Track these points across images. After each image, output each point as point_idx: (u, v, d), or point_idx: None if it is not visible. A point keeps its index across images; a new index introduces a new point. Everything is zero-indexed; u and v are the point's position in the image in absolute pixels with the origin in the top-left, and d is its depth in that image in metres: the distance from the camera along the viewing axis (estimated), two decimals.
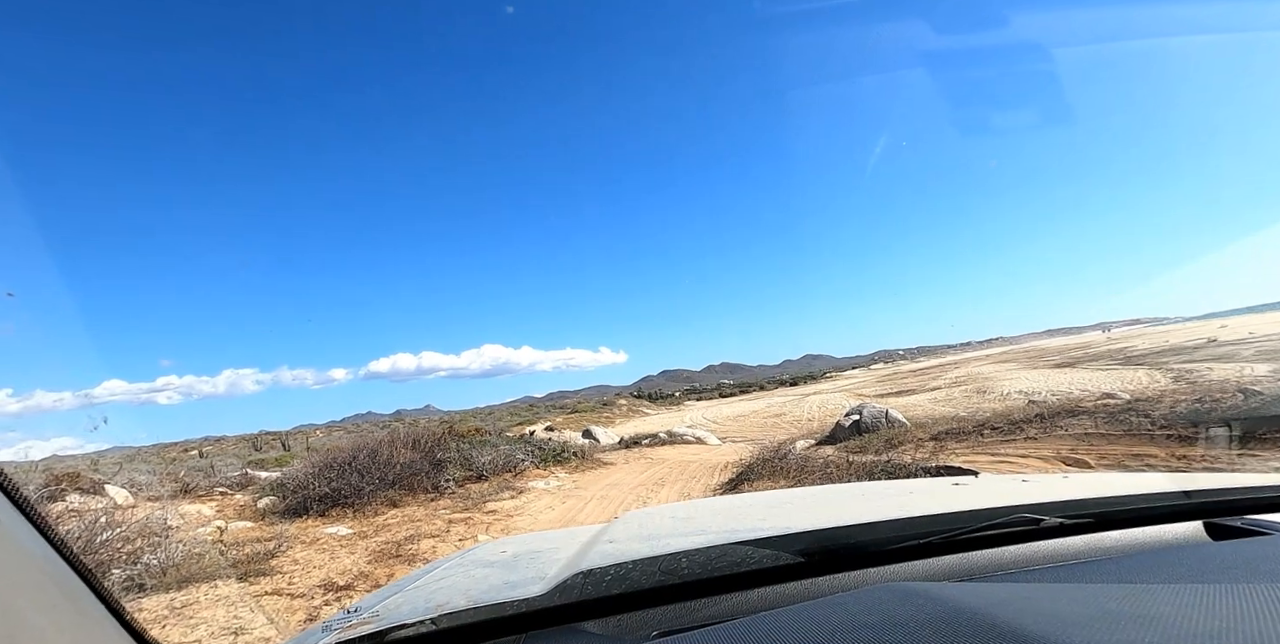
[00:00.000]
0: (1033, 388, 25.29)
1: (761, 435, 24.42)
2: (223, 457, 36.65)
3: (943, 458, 9.42)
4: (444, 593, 1.02)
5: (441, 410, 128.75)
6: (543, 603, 0.89)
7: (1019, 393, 24.70)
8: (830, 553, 0.99)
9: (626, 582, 0.92)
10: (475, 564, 1.26)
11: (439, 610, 0.89)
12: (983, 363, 46.89)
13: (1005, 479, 1.95)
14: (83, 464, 35.28)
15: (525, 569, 1.14)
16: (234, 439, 49.97)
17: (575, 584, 0.91)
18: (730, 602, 0.92)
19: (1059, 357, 39.59)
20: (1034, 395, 23.61)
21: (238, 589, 4.93)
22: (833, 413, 29.88)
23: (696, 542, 1.02)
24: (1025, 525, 1.04)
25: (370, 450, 9.19)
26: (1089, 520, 1.09)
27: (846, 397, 37.41)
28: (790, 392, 58.30)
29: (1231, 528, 1.10)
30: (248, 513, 9.09)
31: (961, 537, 1.02)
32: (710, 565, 0.94)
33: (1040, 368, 33.72)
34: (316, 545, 6.59)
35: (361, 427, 62.91)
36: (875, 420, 12.22)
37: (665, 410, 56.07)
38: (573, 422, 46.12)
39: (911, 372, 56.47)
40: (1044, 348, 57.74)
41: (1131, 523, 1.13)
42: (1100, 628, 0.55)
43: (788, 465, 8.62)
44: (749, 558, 0.95)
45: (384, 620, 0.89)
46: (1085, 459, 8.61)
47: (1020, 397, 23.60)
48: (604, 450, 15.35)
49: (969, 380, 32.59)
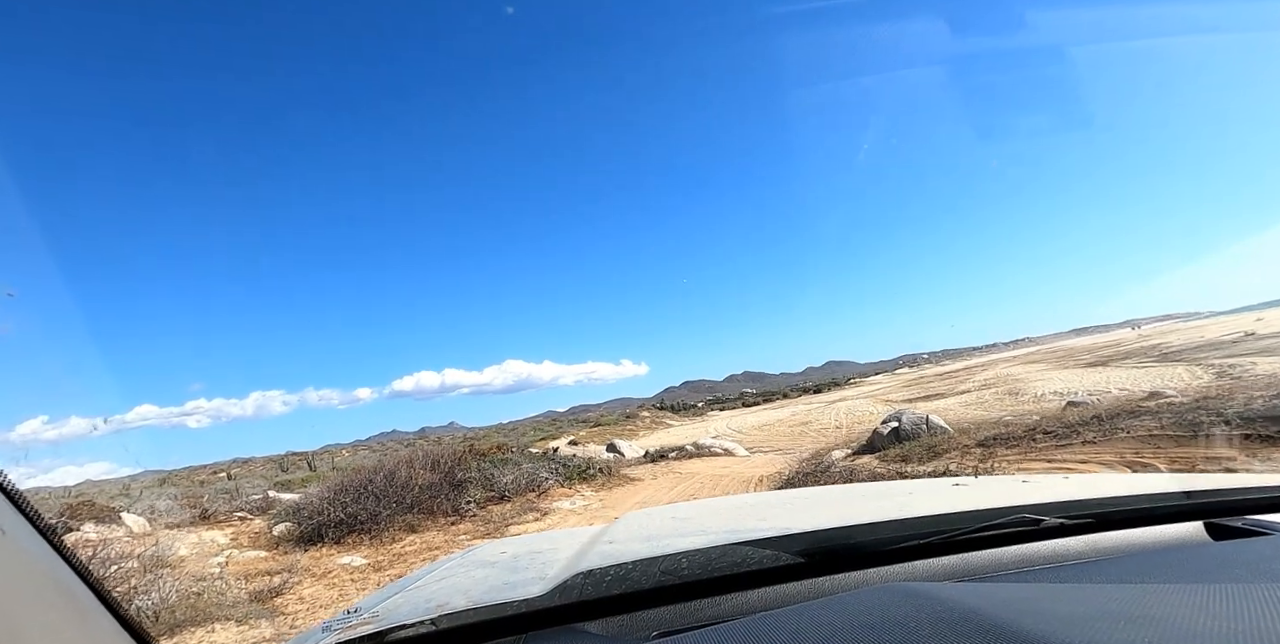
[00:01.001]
0: (1067, 388, 24.73)
1: (789, 445, 23.95)
2: (250, 478, 36.82)
3: (996, 466, 8.72)
4: (444, 593, 1.01)
5: (465, 427, 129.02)
6: (543, 603, 0.88)
7: (1053, 394, 24.11)
8: (831, 553, 0.98)
9: (627, 582, 0.91)
10: (475, 564, 1.26)
11: (439, 611, 0.87)
12: (1010, 364, 46.66)
13: (1005, 479, 1.94)
14: (115, 488, 35.68)
15: (525, 569, 1.13)
16: (261, 461, 50.30)
17: (575, 584, 0.90)
18: (730, 602, 0.91)
19: (1089, 355, 39.33)
20: (1070, 396, 23.07)
21: (236, 634, 4.41)
22: (861, 420, 29.46)
23: (697, 542, 1.01)
24: (1025, 526, 1.03)
25: (388, 473, 8.69)
26: (1089, 521, 1.08)
27: (872, 402, 37.13)
28: (814, 399, 57.56)
29: (1232, 528, 1.09)
30: (262, 540, 8.62)
31: (962, 537, 1.01)
32: (710, 566, 0.93)
33: (1071, 368, 33.61)
34: (327, 579, 6.07)
35: (386, 445, 63.15)
36: (915, 427, 11.45)
37: (689, 421, 55.47)
38: (596, 435, 45.62)
39: (937, 375, 55.97)
40: (1072, 347, 57.07)
41: (1132, 523, 1.11)
42: (1101, 628, 0.55)
43: (831, 479, 7.97)
44: (749, 558, 0.94)
45: (384, 621, 0.88)
46: (1154, 463, 7.86)
47: (1055, 398, 23.09)
48: (630, 465, 14.72)
49: (998, 382, 32.43)
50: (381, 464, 9.36)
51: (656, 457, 15.25)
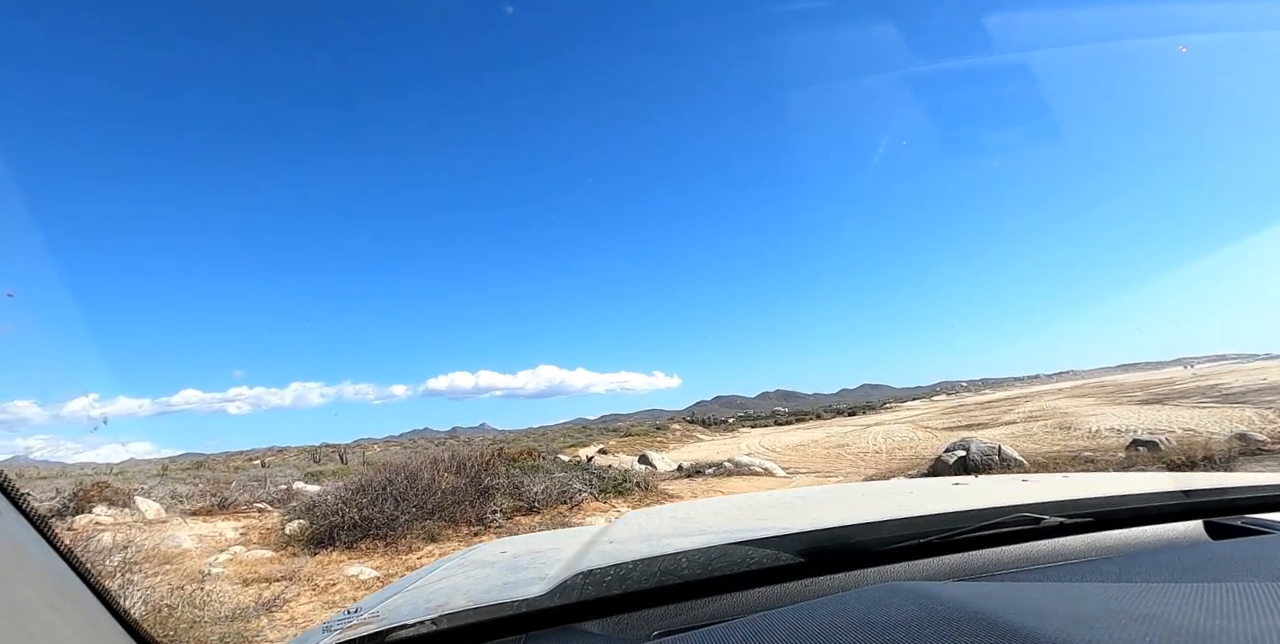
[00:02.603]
0: (1124, 425, 23.09)
1: (826, 467, 22.74)
2: (283, 467, 36.79)
3: None
4: (444, 593, 0.99)
5: (496, 429, 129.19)
6: (543, 603, 0.86)
7: (1109, 430, 22.48)
8: (830, 553, 0.96)
9: (627, 582, 0.89)
10: (475, 564, 1.22)
11: (439, 611, 0.85)
12: (1056, 397, 45.18)
13: (1005, 479, 1.88)
14: (153, 469, 35.95)
15: (525, 569, 1.09)
16: (296, 450, 50.62)
17: (575, 584, 0.88)
18: (730, 601, 0.90)
19: (1142, 392, 37.58)
20: (1128, 433, 21.43)
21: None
22: (901, 446, 28.07)
23: (697, 542, 0.99)
24: (1025, 525, 1.01)
25: (410, 473, 7.87)
26: (1089, 520, 1.06)
27: (911, 429, 35.76)
28: (848, 422, 55.93)
29: (1231, 527, 1.06)
30: (272, 538, 7.87)
31: (961, 536, 0.98)
32: (710, 565, 0.91)
33: (1124, 404, 31.91)
34: (329, 593, 5.23)
35: (417, 442, 63.19)
36: (985, 457, 10.17)
37: (720, 436, 54.27)
38: (626, 445, 44.62)
39: (978, 404, 54.18)
40: (1121, 383, 54.70)
41: (1131, 522, 1.09)
42: (1100, 626, 0.54)
43: None
44: (749, 558, 0.92)
45: (384, 621, 0.86)
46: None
47: (1111, 434, 21.54)
48: (665, 479, 13.72)
49: (1045, 415, 31.03)
50: (406, 463, 8.54)
51: (693, 473, 14.19)
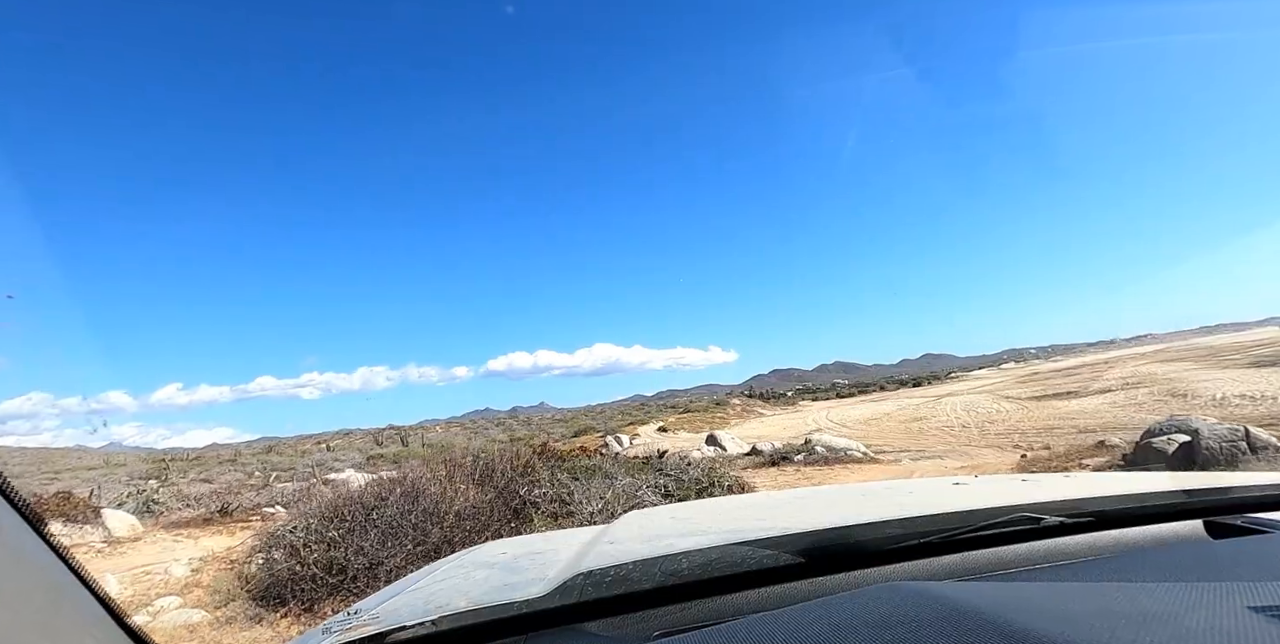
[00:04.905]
0: (1256, 391, 19.44)
1: (909, 444, 19.80)
2: (347, 451, 36.10)
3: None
4: (444, 594, 0.97)
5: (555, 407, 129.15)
6: (543, 604, 0.85)
7: (1239, 397, 18.90)
8: (830, 553, 0.95)
9: (627, 582, 0.88)
10: (475, 565, 1.20)
11: (439, 612, 0.83)
12: (1141, 362, 41.80)
13: (1005, 479, 1.85)
14: (228, 454, 35.42)
15: (525, 570, 1.08)
16: (361, 434, 50.34)
17: (576, 585, 0.87)
18: (731, 602, 0.88)
19: (1241, 355, 33.62)
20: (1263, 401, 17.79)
21: None
22: (991, 418, 24.79)
23: (697, 542, 0.97)
24: (1025, 525, 0.99)
25: (409, 490, 5.47)
26: (1089, 519, 1.04)
27: (992, 399, 32.66)
28: (914, 393, 52.34)
29: (1231, 526, 1.05)
30: (225, 582, 5.65)
31: (961, 536, 0.97)
32: (711, 566, 0.90)
33: (1229, 368, 28.38)
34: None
35: (477, 422, 62.40)
36: (1228, 444, 7.05)
37: (781, 411, 51.60)
38: (685, 422, 42.25)
39: (1056, 371, 49.88)
40: (1212, 345, 49.88)
41: (1131, 522, 1.08)
42: (1100, 626, 0.53)
43: None
44: (749, 558, 0.91)
45: (384, 622, 0.84)
46: None
47: (1245, 402, 18.01)
48: (746, 468, 11.08)
49: (1144, 381, 27.89)
50: (403, 477, 6.07)
51: (778, 459, 11.46)
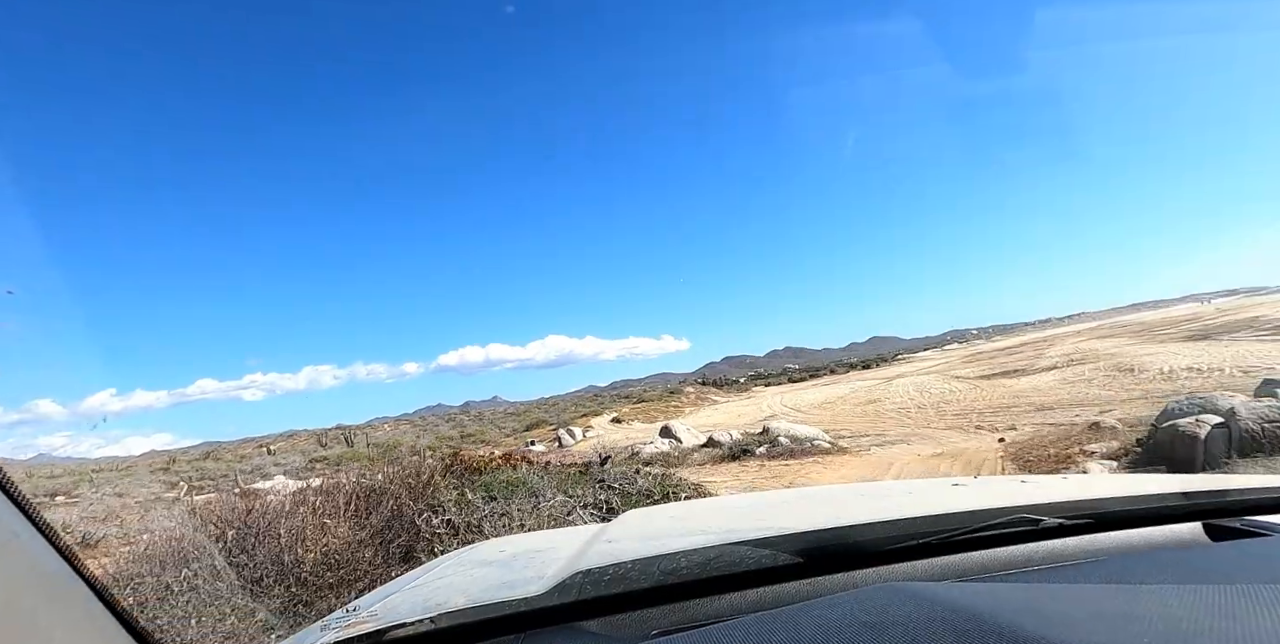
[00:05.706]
0: (1199, 363, 19.92)
1: (868, 428, 19.45)
2: (289, 453, 34.04)
3: None
4: (443, 592, 0.98)
5: (509, 401, 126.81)
6: (542, 602, 0.84)
7: (1186, 370, 19.33)
8: (829, 553, 0.94)
9: (625, 581, 0.87)
10: (474, 563, 1.21)
11: (438, 609, 0.83)
12: (1082, 339, 42.98)
13: (1004, 480, 1.77)
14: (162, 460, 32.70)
15: (524, 568, 1.08)
16: (306, 435, 47.94)
17: (574, 583, 0.86)
18: (729, 601, 0.88)
19: (1174, 330, 35.12)
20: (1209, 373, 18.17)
21: None
22: (945, 399, 24.74)
23: (695, 541, 0.96)
24: (1024, 526, 0.98)
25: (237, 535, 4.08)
26: (1088, 521, 1.03)
27: (942, 379, 32.92)
28: (865, 375, 52.88)
29: (1230, 529, 1.04)
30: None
31: (960, 537, 0.96)
32: (709, 565, 0.89)
33: (1165, 342, 29.54)
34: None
35: (428, 419, 60.43)
36: (1270, 425, 6.17)
37: (735, 397, 51.30)
38: (640, 412, 41.48)
39: (998, 350, 51.08)
40: (1143, 321, 51.88)
41: (1130, 523, 1.06)
42: (1099, 628, 0.53)
43: None
44: (748, 558, 0.90)
45: (383, 619, 0.85)
46: None
47: (1192, 375, 18.42)
48: (701, 464, 10.20)
49: (1087, 357, 28.61)
50: (249, 507, 4.44)
51: (739, 451, 10.56)
